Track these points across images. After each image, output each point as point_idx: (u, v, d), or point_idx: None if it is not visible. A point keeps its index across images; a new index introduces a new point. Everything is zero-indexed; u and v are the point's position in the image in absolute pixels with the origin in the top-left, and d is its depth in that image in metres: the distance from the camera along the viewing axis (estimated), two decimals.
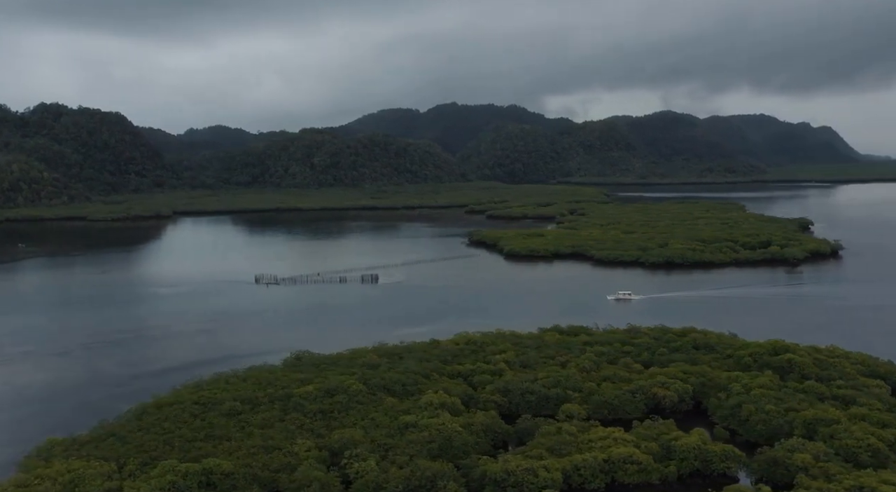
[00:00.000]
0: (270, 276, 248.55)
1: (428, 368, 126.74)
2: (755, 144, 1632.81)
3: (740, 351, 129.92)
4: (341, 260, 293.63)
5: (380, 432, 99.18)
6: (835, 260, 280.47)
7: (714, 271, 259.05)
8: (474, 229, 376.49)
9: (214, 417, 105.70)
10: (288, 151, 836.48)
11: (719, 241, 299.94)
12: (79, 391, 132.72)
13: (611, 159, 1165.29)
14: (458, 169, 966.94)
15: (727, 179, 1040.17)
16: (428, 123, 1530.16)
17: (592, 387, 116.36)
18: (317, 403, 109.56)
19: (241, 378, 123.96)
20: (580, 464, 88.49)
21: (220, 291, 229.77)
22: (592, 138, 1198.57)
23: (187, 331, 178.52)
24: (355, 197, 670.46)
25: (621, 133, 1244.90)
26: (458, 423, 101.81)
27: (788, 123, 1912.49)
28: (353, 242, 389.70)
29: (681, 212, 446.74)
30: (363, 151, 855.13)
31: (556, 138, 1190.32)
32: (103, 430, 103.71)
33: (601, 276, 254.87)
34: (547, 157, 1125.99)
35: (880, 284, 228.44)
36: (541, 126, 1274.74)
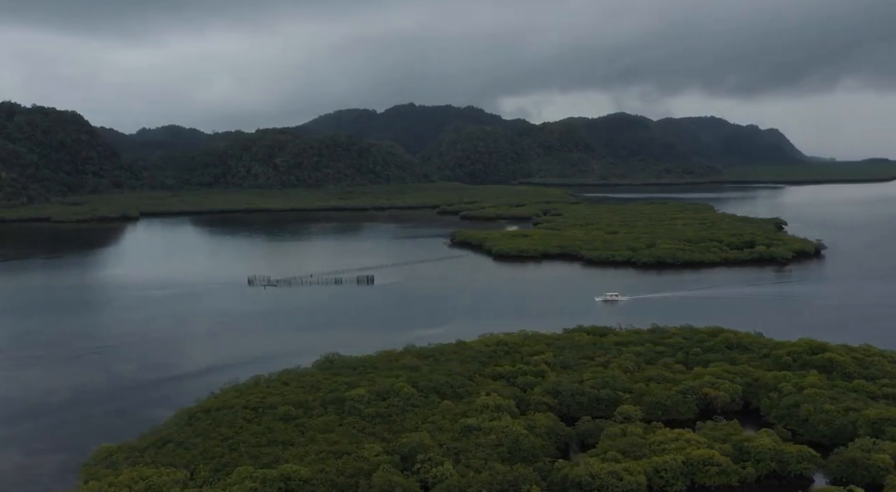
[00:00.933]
0: (264, 277, 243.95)
1: (470, 370, 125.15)
2: (707, 146, 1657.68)
3: (777, 350, 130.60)
4: (328, 261, 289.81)
5: (445, 436, 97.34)
6: (818, 259, 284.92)
7: (704, 271, 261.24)
8: (456, 230, 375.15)
9: (270, 421, 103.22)
10: (250, 152, 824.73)
11: (705, 241, 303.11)
12: (106, 397, 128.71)
13: (570, 160, 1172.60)
14: (421, 170, 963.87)
15: (685, 179, 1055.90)
16: (385, 123, 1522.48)
17: (642, 388, 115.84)
18: (372, 406, 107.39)
19: (281, 381, 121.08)
20: (660, 466, 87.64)
21: (216, 293, 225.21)
22: (552, 140, 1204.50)
23: (196, 334, 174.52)
24: (322, 197, 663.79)
25: (580, 134, 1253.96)
26: (521, 425, 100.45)
27: (738, 124, 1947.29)
28: (333, 243, 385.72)
29: (655, 212, 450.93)
30: (326, 151, 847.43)
31: (515, 139, 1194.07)
32: (156, 436, 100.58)
33: (593, 276, 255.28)
34: (507, 158, 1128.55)
35: (872, 282, 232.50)
36: (499, 127, 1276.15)
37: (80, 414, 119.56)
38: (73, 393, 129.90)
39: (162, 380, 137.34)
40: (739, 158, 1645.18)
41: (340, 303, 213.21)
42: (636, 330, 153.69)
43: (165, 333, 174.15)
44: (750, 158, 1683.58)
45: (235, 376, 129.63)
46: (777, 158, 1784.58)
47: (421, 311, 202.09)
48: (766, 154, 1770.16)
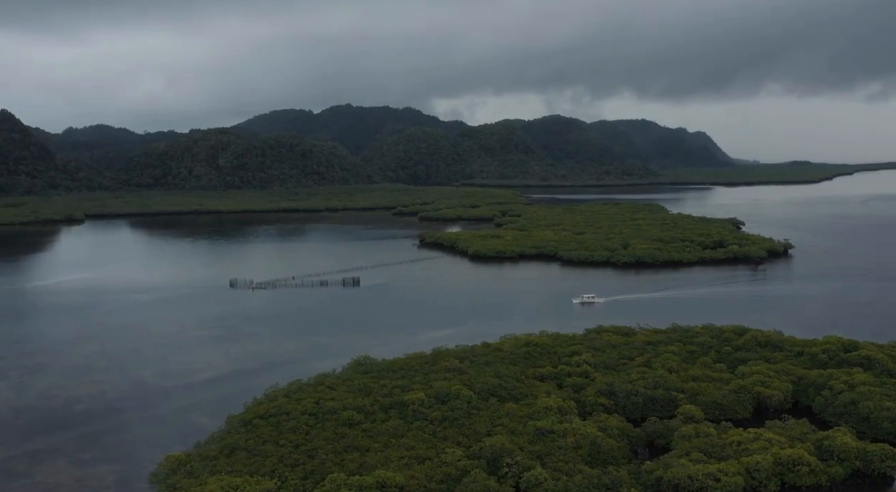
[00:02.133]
0: (246, 280, 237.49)
1: (515, 371, 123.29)
2: (640, 148, 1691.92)
3: (811, 348, 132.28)
4: (304, 264, 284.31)
5: (522, 439, 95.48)
6: (786, 258, 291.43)
7: (682, 270, 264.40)
8: (424, 231, 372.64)
9: (335, 427, 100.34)
10: (191, 152, 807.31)
11: (676, 241, 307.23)
12: (136, 404, 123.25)
13: (510, 162, 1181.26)
14: (364, 171, 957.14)
15: (625, 181, 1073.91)
16: (322, 124, 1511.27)
17: (694, 387, 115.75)
18: (435, 410, 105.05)
19: (327, 386, 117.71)
20: (752, 467, 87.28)
21: (203, 297, 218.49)
22: (492, 141, 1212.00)
23: (200, 338, 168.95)
24: (272, 199, 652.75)
25: (519, 136, 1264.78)
26: (593, 427, 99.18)
27: (668, 127, 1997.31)
28: (300, 245, 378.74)
29: (613, 213, 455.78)
30: (270, 152, 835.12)
31: (456, 141, 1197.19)
32: (220, 443, 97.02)
33: (573, 277, 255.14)
34: (449, 159, 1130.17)
35: (847, 280, 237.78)
36: (440, 129, 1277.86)
37: (114, 422, 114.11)
38: (99, 401, 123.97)
39: (187, 386, 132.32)
40: (670, 160, 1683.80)
41: (336, 305, 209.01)
42: (654, 329, 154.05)
43: (170, 338, 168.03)
44: (680, 159, 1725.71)
45: (263, 381, 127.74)
46: (705, 160, 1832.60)
47: (418, 312, 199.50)
48: (694, 156, 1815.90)
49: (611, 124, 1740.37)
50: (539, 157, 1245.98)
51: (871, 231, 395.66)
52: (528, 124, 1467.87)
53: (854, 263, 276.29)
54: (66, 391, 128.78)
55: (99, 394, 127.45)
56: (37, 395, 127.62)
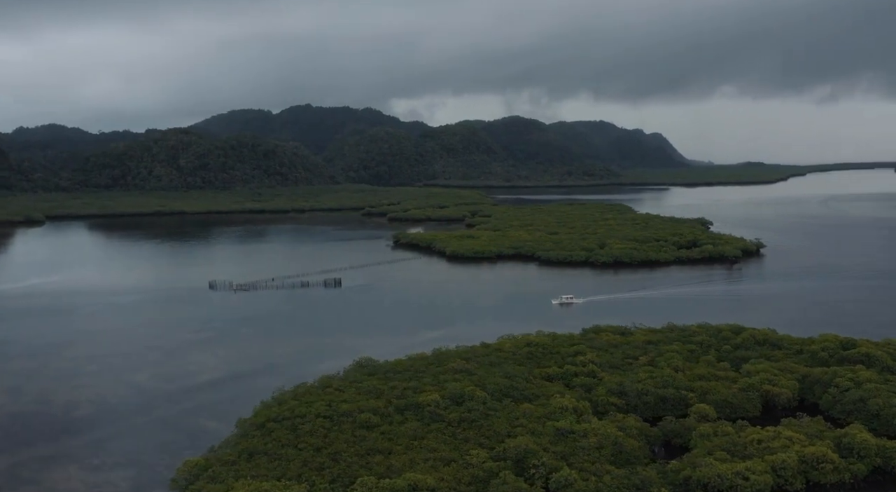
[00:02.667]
0: (226, 281, 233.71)
1: (523, 372, 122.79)
2: (599, 149, 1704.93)
3: (809, 346, 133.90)
4: (280, 264, 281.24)
5: (544, 440, 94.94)
6: (759, 258, 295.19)
7: (659, 270, 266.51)
8: (398, 232, 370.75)
9: (353, 429, 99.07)
10: (151, 152, 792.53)
11: (650, 240, 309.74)
12: (138, 409, 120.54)
13: (472, 162, 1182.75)
14: (327, 171, 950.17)
15: (587, 181, 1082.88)
16: (282, 124, 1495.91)
17: (704, 386, 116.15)
18: (452, 411, 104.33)
19: (335, 388, 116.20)
20: (778, 465, 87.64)
21: (185, 299, 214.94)
22: (454, 142, 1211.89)
23: (189, 340, 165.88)
24: (236, 200, 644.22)
25: (480, 137, 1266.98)
26: (612, 427, 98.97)
27: (625, 129, 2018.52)
28: (272, 246, 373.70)
29: (582, 213, 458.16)
30: (232, 152, 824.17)
31: (418, 142, 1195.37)
32: (237, 447, 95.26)
33: (553, 277, 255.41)
34: (411, 159, 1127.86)
35: (823, 279, 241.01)
36: (402, 129, 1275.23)
37: (118, 427, 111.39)
38: (98, 406, 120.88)
39: (186, 390, 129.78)
40: (628, 161, 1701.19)
41: (321, 306, 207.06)
42: (650, 328, 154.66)
43: (158, 341, 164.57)
44: (637, 160, 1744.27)
45: (262, 384, 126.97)
46: (661, 161, 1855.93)
47: (405, 313, 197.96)
48: (651, 157, 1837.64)
49: (570, 125, 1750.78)
50: (500, 157, 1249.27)
51: (836, 231, 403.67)
52: (488, 125, 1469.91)
53: (825, 262, 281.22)
54: (62, 396, 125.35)
55: (97, 398, 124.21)
56: (32, 400, 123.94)
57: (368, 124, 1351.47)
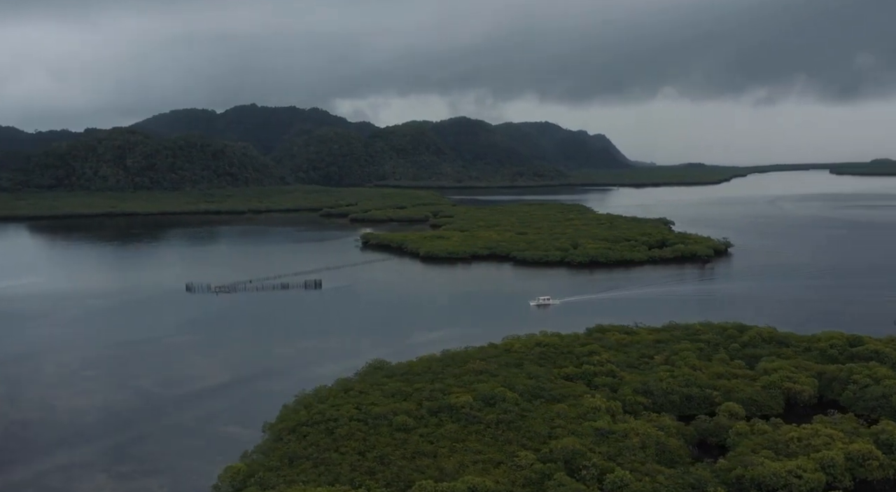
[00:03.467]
0: (203, 284, 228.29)
1: (544, 372, 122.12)
2: (545, 150, 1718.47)
3: (817, 344, 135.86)
4: (253, 266, 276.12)
5: (587, 441, 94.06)
6: (728, 257, 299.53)
7: (634, 270, 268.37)
8: (368, 232, 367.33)
9: (391, 432, 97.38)
10: (96, 152, 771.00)
11: (621, 240, 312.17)
12: (149, 414, 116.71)
13: (422, 163, 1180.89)
14: (277, 172, 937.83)
15: (537, 182, 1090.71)
16: (227, 124, 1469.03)
17: (726, 384, 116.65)
18: (487, 413, 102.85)
19: (358, 390, 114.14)
20: (826, 462, 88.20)
21: (164, 301, 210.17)
22: (403, 142, 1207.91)
23: (182, 344, 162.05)
24: (185, 200, 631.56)
25: (430, 138, 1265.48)
26: (650, 427, 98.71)
27: (570, 130, 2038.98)
28: (238, 247, 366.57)
29: (546, 213, 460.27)
30: (180, 152, 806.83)
31: (368, 142, 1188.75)
32: (275, 452, 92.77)
33: (531, 277, 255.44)
34: (361, 160, 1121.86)
35: (797, 278, 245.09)
36: (351, 130, 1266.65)
37: (134, 434, 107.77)
38: (107, 412, 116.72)
39: (195, 394, 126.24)
40: (573, 162, 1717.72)
41: (307, 308, 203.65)
42: (652, 327, 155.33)
43: (150, 345, 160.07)
44: (582, 161, 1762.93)
45: (271, 387, 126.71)
46: (605, 162, 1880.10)
47: (392, 314, 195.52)
48: (596, 158, 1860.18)
49: (516, 126, 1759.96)
50: (450, 158, 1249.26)
51: (792, 230, 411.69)
52: (436, 126, 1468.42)
53: (792, 261, 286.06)
54: (64, 402, 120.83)
55: (102, 404, 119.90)
56: (35, 407, 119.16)
57: (315, 124, 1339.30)
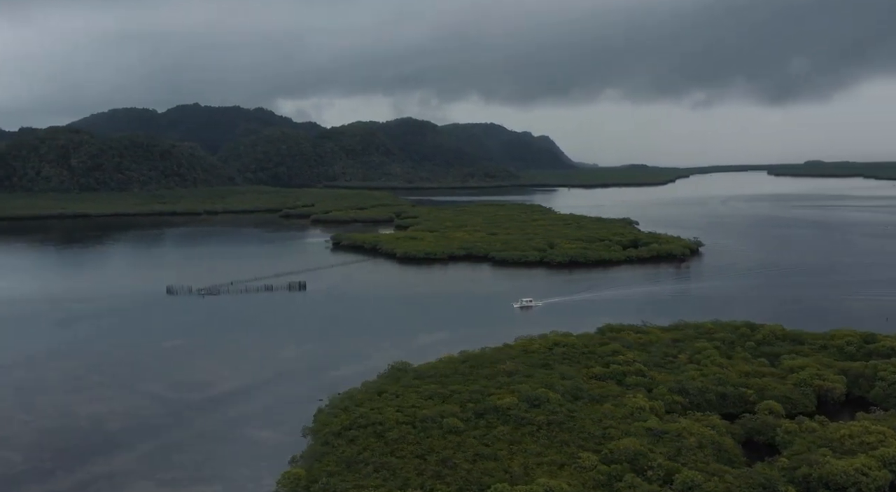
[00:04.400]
0: (184, 287, 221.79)
1: (573, 372, 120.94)
2: (491, 151, 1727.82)
3: (832, 341, 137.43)
4: (226, 268, 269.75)
5: (643, 441, 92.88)
6: (699, 256, 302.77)
7: (612, 270, 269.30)
8: (337, 233, 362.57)
9: (443, 434, 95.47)
10: (38, 152, 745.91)
11: (595, 240, 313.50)
12: (172, 420, 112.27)
13: (372, 164, 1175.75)
14: (225, 172, 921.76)
15: (489, 183, 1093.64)
16: (169, 123, 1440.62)
17: (758, 382, 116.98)
18: (535, 414, 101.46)
19: (393, 393, 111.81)
20: (889, 459, 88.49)
21: (148, 304, 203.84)
22: (353, 143, 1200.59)
23: (183, 348, 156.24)
24: (135, 201, 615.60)
25: (379, 139, 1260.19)
26: (700, 426, 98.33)
27: (515, 131, 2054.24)
28: (204, 249, 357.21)
29: (509, 214, 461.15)
30: (127, 152, 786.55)
31: (316, 142, 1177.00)
32: (329, 457, 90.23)
33: (514, 278, 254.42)
34: (311, 160, 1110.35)
35: (773, 277, 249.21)
36: (301, 130, 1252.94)
37: (165, 440, 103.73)
38: (130, 419, 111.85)
39: (214, 400, 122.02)
40: (519, 163, 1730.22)
41: (298, 310, 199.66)
42: (660, 327, 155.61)
43: (150, 349, 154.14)
44: (528, 162, 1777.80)
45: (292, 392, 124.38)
46: (550, 163, 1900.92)
47: (387, 317, 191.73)
48: (540, 159, 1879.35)
49: (462, 127, 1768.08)
50: (399, 159, 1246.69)
51: (756, 229, 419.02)
52: (383, 127, 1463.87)
53: (765, 259, 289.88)
54: (82, 409, 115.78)
55: (123, 411, 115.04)
56: (53, 414, 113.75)
57: (261, 124, 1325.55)
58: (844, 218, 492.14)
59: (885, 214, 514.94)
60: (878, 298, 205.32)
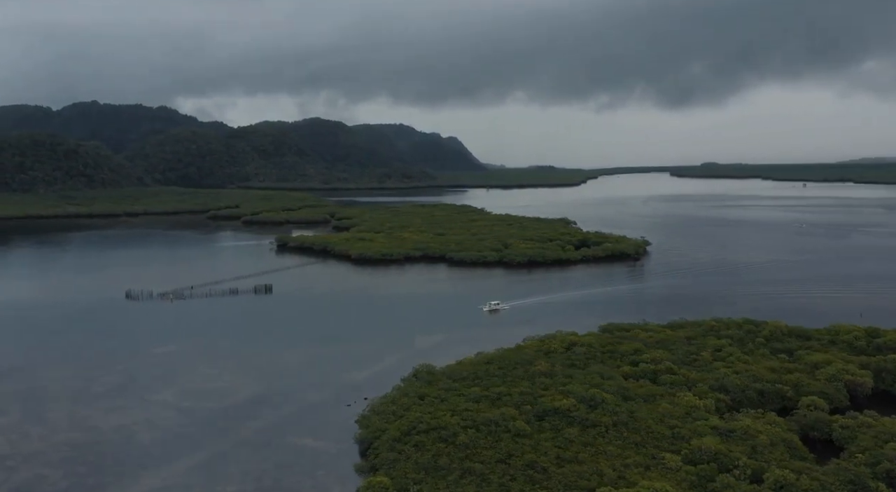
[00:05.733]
0: (144, 291, 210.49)
1: (609, 371, 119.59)
2: (402, 152, 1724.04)
3: (839, 336, 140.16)
4: (180, 272, 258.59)
5: (716, 440, 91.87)
6: (648, 255, 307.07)
7: (570, 269, 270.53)
8: (281, 235, 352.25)
9: (513, 438, 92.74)
10: None
11: (545, 240, 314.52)
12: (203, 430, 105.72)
13: (285, 164, 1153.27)
14: (134, 173, 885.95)
15: (406, 184, 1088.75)
16: (65, 121, 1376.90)
17: (790, 378, 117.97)
18: (597, 415, 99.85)
19: (437, 396, 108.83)
20: None
21: (112, 310, 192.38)
22: (265, 143, 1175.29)
23: (176, 355, 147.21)
24: (43, 203, 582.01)
25: (292, 139, 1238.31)
26: (758, 423, 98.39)
27: (424, 132, 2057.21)
28: (143, 252, 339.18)
29: (447, 214, 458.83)
30: (28, 151, 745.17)
31: (227, 142, 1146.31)
32: (405, 464, 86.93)
33: (473, 278, 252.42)
34: (222, 161, 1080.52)
35: (730, 273, 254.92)
36: (205, 129, 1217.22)
37: (210, 450, 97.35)
38: (158, 431, 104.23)
39: (237, 408, 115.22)
40: (431, 164, 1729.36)
41: (276, 314, 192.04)
42: (660, 325, 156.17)
43: (144, 357, 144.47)
44: (439, 163, 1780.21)
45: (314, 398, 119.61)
46: (460, 164, 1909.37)
47: (373, 319, 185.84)
48: (450, 160, 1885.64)
49: (373, 128, 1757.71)
50: (312, 160, 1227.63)
51: (689, 229, 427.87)
52: (294, 126, 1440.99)
53: (715, 257, 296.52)
54: (102, 421, 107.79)
55: (147, 422, 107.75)
56: (73, 427, 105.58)
57: (165, 123, 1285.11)
58: (765, 217, 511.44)
59: (796, 213, 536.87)
60: (843, 296, 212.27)
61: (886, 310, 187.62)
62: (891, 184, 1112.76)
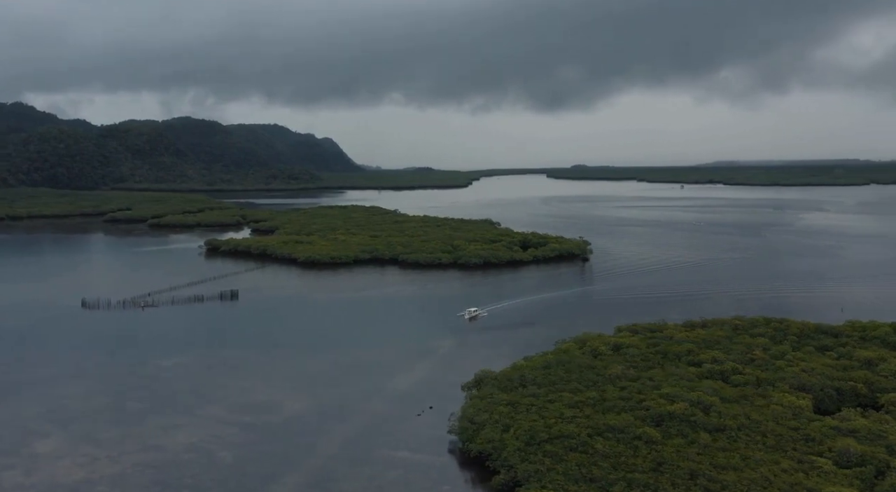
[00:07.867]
0: (101, 300, 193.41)
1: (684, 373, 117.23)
2: (279, 152, 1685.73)
3: (871, 332, 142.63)
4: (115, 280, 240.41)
5: (852, 441, 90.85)
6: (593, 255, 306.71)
7: (524, 270, 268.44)
8: (211, 238, 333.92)
9: (647, 444, 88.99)
10: None
11: (489, 241, 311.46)
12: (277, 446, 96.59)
13: (163, 165, 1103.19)
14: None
15: (294, 185, 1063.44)
16: None
17: (857, 375, 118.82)
18: (716, 418, 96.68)
19: (531, 405, 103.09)
20: None
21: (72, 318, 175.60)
22: (140, 143, 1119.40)
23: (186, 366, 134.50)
24: None
25: (169, 138, 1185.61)
26: (871, 422, 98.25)
27: (299, 133, 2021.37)
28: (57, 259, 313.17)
29: (366, 216, 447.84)
30: None
31: (99, 142, 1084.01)
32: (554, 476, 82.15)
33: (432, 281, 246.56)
34: (94, 161, 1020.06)
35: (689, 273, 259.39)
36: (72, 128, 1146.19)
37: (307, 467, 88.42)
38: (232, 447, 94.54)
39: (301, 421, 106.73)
40: (309, 165, 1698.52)
41: (258, 321, 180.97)
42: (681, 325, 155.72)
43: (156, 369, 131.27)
44: (316, 164, 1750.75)
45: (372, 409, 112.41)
46: (337, 165, 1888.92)
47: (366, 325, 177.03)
48: (326, 161, 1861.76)
49: (248, 128, 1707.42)
50: (190, 160, 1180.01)
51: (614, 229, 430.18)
52: (168, 125, 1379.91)
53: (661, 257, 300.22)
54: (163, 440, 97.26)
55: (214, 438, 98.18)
56: (131, 448, 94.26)
57: (21, 120, 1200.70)
58: (667, 217, 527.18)
59: (693, 213, 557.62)
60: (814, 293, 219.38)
61: (864, 304, 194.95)
62: (755, 185, 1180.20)
